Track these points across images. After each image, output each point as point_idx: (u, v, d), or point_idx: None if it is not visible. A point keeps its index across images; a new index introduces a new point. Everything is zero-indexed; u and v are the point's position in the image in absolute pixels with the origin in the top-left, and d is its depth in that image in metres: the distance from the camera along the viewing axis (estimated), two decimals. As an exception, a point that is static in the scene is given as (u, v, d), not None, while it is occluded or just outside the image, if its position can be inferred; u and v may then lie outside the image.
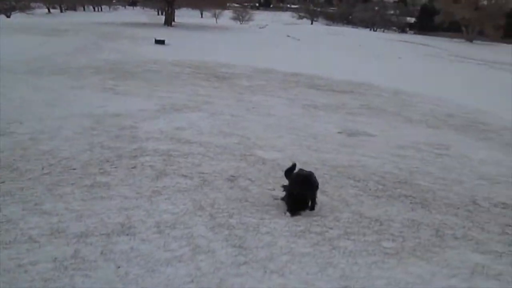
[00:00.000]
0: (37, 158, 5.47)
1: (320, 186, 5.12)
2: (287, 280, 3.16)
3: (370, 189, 5.19)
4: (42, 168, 5.12)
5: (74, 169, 5.20)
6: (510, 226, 4.42)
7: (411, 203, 4.84)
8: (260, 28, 47.44)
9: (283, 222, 4.08)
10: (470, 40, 56.45)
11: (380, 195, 5.04)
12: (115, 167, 5.35)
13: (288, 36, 36.35)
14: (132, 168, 5.35)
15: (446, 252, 3.68)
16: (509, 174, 6.56)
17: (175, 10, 43.88)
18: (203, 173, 5.33)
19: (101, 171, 5.19)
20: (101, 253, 3.37)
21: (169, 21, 40.01)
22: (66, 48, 19.20)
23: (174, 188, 4.79)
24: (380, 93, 13.95)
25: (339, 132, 8.37)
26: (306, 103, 11.08)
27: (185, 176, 5.16)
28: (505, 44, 54.04)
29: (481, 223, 4.41)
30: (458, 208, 4.81)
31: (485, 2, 57.96)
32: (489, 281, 3.26)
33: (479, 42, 55.06)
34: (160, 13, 63.30)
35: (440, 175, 6.15)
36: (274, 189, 4.91)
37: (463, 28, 58.33)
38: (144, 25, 39.01)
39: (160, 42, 23.44)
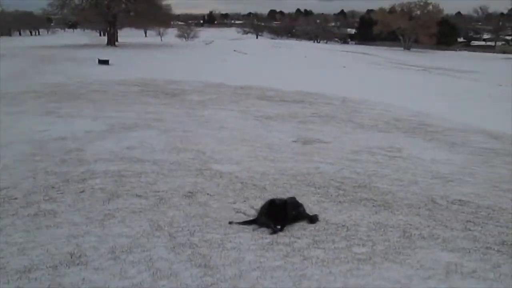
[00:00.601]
0: (-28, 190, 4.97)
1: (282, 195, 5.01)
2: (260, 298, 2.97)
3: (331, 195, 5.12)
4: (-22, 201, 4.64)
5: (15, 198, 4.76)
6: (470, 222, 4.48)
7: (373, 206, 4.80)
8: (206, 44, 47.58)
9: (249, 236, 3.88)
10: (407, 48, 59.61)
11: (342, 200, 4.98)
12: (62, 193, 4.96)
13: (235, 50, 36.61)
14: (81, 192, 4.98)
15: (417, 253, 3.62)
16: (459, 171, 6.77)
17: (118, 30, 43.05)
18: (158, 191, 5.05)
19: (46, 198, 4.78)
20: (48, 288, 3.03)
21: (112, 41, 39.18)
22: (1, 74, 18.13)
23: (128, 209, 4.48)
24: (329, 101, 14.19)
25: (294, 141, 8.34)
26: (258, 114, 11.02)
27: (139, 196, 4.86)
28: (439, 51, 57.59)
29: (444, 221, 4.43)
30: (419, 207, 4.83)
31: (418, 12, 61.51)
32: (465, 279, 3.21)
33: (415, 50, 58.18)
34: (102, 34, 61.93)
35: (396, 176, 6.21)
36: (235, 202, 4.71)
37: (400, 37, 61.52)
38: (86, 46, 37.91)
39: (104, 62, 22.76)
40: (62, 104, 11.36)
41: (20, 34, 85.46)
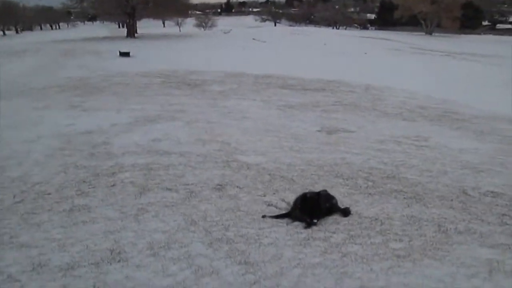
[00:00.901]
0: (7, 186, 5.09)
1: (311, 187, 5.00)
2: (305, 297, 2.93)
3: (360, 187, 5.06)
4: (14, 196, 4.75)
5: (49, 193, 4.85)
6: (506, 215, 4.34)
7: (404, 198, 4.72)
8: (224, 33, 47.36)
9: (284, 230, 3.87)
10: (429, 33, 58.13)
11: (372, 192, 4.92)
12: (93, 187, 5.04)
13: (254, 39, 36.37)
14: (112, 186, 5.05)
15: (455, 249, 3.54)
16: (489, 161, 6.61)
17: (137, 22, 43.28)
18: (188, 184, 5.08)
19: (79, 192, 4.87)
20: (94, 286, 3.05)
21: (131, 33, 39.42)
22: (25, 69, 18.51)
23: (160, 203, 4.51)
24: (352, 89, 14.03)
25: (318, 131, 8.29)
26: (281, 104, 10.98)
27: (169, 190, 4.89)
28: (463, 35, 56.08)
29: (479, 215, 4.32)
30: (451, 200, 4.72)
31: (441, -5, 59.80)
32: (510, 278, 3.11)
33: (438, 34, 56.66)
34: (121, 26, 62.31)
35: (425, 167, 6.11)
36: (265, 195, 4.70)
37: (422, 22, 60.02)
38: (106, 38, 38.27)
39: (125, 54, 22.96)
40: (85, 97, 11.54)
41: (41, 28, 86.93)
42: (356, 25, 78.57)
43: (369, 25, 78.88)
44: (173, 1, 40.72)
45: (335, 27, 74.59)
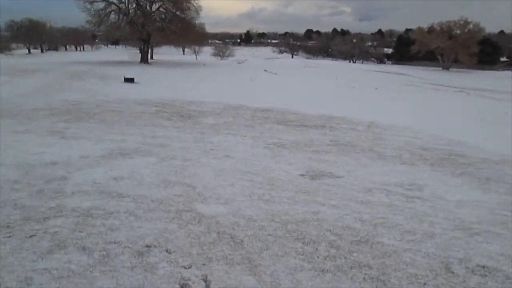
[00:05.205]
0: None
1: (256, 256, 4.21)
2: None
3: (318, 257, 4.21)
4: None
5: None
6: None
7: (364, 279, 3.82)
8: (238, 63, 47.48)
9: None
10: (446, 68, 57.46)
11: (328, 267, 4.04)
12: (9, 236, 4.38)
13: (265, 70, 36.09)
14: (29, 237, 4.37)
15: None
16: (488, 219, 5.70)
17: (156, 48, 43.78)
18: (113, 242, 4.36)
19: (-11, 243, 4.20)
20: None
21: (145, 59, 39.69)
22: (26, 89, 18.36)
23: (55, 272, 3.74)
24: (353, 126, 13.23)
25: (301, 175, 7.50)
26: (271, 142, 10.25)
27: (84, 250, 4.16)
28: (480, 71, 55.25)
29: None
30: (425, 283, 3.83)
31: (458, 32, 59.37)
32: None
33: (455, 69, 55.86)
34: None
35: (409, 227, 5.26)
36: (190, 267, 3.88)
37: (439, 57, 59.45)
38: (120, 63, 38.58)
39: (129, 80, 22.76)
40: (71, 123, 11.12)
41: (66, 49, 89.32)
42: (373, 59, 78.33)
43: (386, 60, 78.56)
44: (189, 30, 41.02)
45: (352, 61, 74.46)
